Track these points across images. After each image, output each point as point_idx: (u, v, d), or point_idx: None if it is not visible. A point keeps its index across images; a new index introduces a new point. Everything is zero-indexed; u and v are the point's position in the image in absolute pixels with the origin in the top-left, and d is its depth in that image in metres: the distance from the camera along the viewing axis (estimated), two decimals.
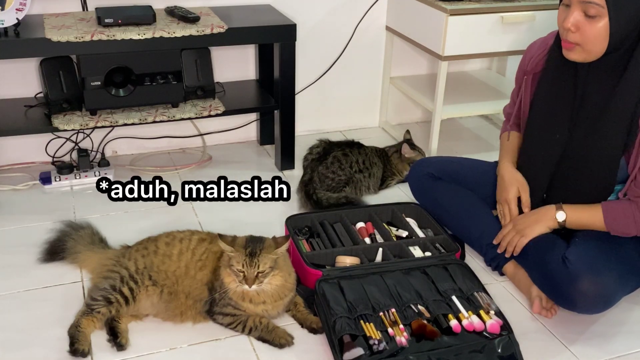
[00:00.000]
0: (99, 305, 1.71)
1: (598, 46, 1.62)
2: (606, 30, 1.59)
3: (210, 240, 1.83)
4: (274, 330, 1.73)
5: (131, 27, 2.25)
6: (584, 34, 1.61)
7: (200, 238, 1.83)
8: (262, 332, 1.73)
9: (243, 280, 1.66)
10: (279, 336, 1.72)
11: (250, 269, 1.65)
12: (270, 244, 1.71)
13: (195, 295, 1.75)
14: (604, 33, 1.59)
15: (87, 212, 2.31)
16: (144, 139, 2.79)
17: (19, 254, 2.06)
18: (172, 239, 1.82)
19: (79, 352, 1.64)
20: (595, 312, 1.77)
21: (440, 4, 2.49)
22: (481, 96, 2.88)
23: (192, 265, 1.77)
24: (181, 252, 1.79)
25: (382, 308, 1.71)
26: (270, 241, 1.72)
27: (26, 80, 2.53)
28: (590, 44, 1.62)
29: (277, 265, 1.70)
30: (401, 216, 2.17)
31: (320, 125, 3.06)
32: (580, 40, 1.63)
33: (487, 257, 2.04)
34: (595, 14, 1.58)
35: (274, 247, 1.69)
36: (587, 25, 1.60)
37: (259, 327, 1.73)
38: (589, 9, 1.58)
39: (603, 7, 1.56)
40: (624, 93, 1.66)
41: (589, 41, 1.62)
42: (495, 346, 1.63)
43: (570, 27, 1.62)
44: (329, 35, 2.87)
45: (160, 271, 1.76)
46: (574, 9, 1.61)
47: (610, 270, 1.71)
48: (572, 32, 1.63)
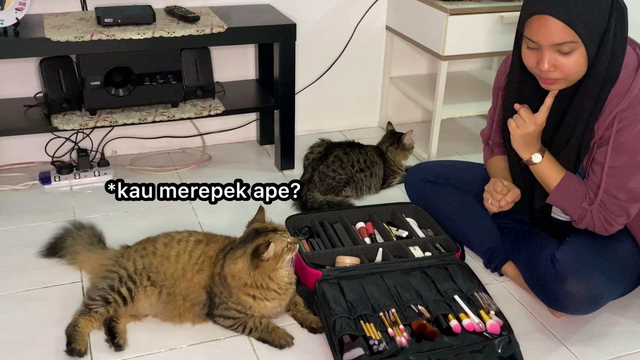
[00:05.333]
0: (97, 305, 1.71)
1: (580, 74, 1.61)
2: (584, 58, 1.57)
3: (206, 242, 1.82)
4: (274, 331, 1.72)
5: (131, 27, 2.25)
6: (564, 69, 1.59)
7: (197, 240, 1.83)
8: (262, 332, 1.73)
9: (292, 248, 1.72)
10: (279, 337, 1.71)
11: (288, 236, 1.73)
12: (260, 217, 1.81)
13: (192, 298, 1.75)
14: (583, 61, 1.58)
15: (87, 212, 2.31)
16: (144, 138, 2.79)
17: (18, 254, 2.06)
18: (170, 240, 1.82)
19: (76, 352, 1.64)
20: (584, 312, 1.77)
21: (440, 3, 2.49)
22: (481, 96, 2.87)
23: (190, 268, 1.76)
24: (179, 254, 1.78)
25: (382, 308, 1.71)
26: (258, 218, 1.81)
27: (26, 80, 2.53)
28: (572, 75, 1.60)
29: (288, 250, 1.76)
30: (401, 216, 2.17)
31: (320, 125, 3.05)
32: (561, 75, 1.60)
33: (486, 259, 2.05)
34: (569, 49, 1.56)
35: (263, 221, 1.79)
36: (565, 61, 1.57)
37: (259, 328, 1.73)
38: (563, 48, 1.55)
39: (577, 42, 1.54)
40: (582, 103, 1.65)
41: (571, 74, 1.60)
42: (496, 346, 1.63)
43: (549, 67, 1.59)
44: (329, 35, 2.87)
45: (159, 272, 1.76)
46: (545, 52, 1.57)
47: (599, 270, 1.70)
48: (551, 71, 1.60)
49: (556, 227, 1.88)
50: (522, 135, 1.72)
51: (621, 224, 1.73)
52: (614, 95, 1.62)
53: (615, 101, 1.62)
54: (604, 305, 1.75)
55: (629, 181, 1.66)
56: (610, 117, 1.62)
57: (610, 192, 1.67)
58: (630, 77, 1.61)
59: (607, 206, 1.69)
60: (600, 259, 1.73)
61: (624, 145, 1.63)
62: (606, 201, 1.68)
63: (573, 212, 1.73)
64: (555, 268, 1.72)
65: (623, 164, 1.64)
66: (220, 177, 2.57)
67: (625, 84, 1.61)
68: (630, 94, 1.60)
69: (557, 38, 1.54)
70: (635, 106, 1.60)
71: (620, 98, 1.61)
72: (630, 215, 1.71)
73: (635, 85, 1.60)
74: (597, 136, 1.66)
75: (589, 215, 1.71)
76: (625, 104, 1.60)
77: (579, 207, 1.71)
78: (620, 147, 1.63)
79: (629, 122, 1.61)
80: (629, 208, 1.69)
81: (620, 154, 1.64)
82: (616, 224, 1.71)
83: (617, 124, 1.62)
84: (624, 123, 1.61)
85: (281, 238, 1.70)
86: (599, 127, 1.65)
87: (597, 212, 1.70)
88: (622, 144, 1.63)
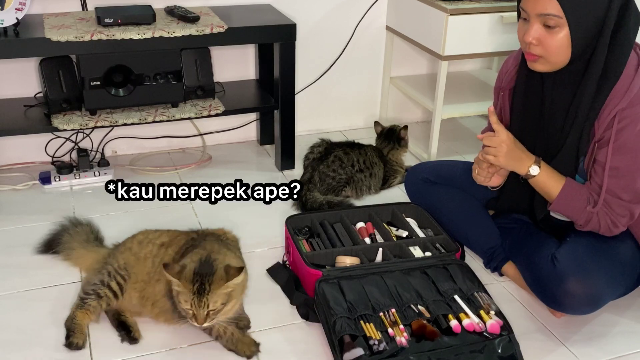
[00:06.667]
0: (90, 298, 1.72)
1: (561, 56, 1.61)
2: (567, 40, 1.58)
3: (168, 244, 1.76)
4: (239, 341, 1.67)
5: (131, 27, 2.25)
6: (546, 46, 1.60)
7: (161, 243, 1.77)
8: (228, 342, 1.67)
9: (193, 318, 1.56)
10: (245, 346, 1.66)
11: (200, 309, 1.54)
12: (221, 276, 1.56)
13: (160, 305, 1.72)
14: (566, 43, 1.58)
15: (87, 212, 2.31)
16: (144, 138, 2.79)
17: (18, 254, 2.06)
18: (145, 238, 1.79)
19: (74, 345, 1.65)
20: (584, 312, 1.77)
21: (440, 3, 2.49)
22: (481, 96, 2.87)
23: (153, 275, 1.73)
24: (146, 257, 1.75)
25: (382, 308, 1.71)
26: (222, 272, 1.56)
27: (26, 80, 2.53)
28: (553, 55, 1.61)
29: (230, 297, 1.59)
30: (401, 216, 2.17)
31: (320, 125, 3.05)
32: (543, 52, 1.61)
33: (486, 259, 2.05)
34: (554, 24, 1.56)
35: (225, 280, 1.55)
36: (548, 37, 1.58)
37: (224, 337, 1.67)
38: (548, 21, 1.57)
39: (562, 18, 1.55)
40: (580, 100, 1.65)
41: (552, 52, 1.60)
42: (496, 346, 1.63)
43: (532, 40, 1.60)
44: (329, 35, 2.87)
45: (133, 272, 1.74)
46: (533, 23, 1.59)
47: (599, 270, 1.70)
48: (534, 44, 1.61)
49: (556, 227, 1.88)
50: (504, 157, 1.73)
51: (625, 225, 1.73)
52: (614, 94, 1.62)
53: (615, 100, 1.62)
54: (604, 305, 1.74)
55: (635, 182, 1.66)
56: (610, 117, 1.63)
57: (614, 193, 1.67)
58: (630, 77, 1.61)
59: (612, 207, 1.69)
60: (601, 259, 1.73)
61: (626, 146, 1.63)
62: (611, 202, 1.68)
63: (578, 218, 1.73)
64: (555, 268, 1.72)
65: (626, 164, 1.64)
66: (220, 177, 2.57)
67: (625, 83, 1.61)
68: (630, 92, 1.60)
69: (542, 8, 1.56)
70: (635, 105, 1.60)
71: (620, 97, 1.61)
72: (634, 215, 1.71)
73: (635, 84, 1.60)
74: (598, 136, 1.66)
75: (595, 219, 1.71)
76: (625, 103, 1.60)
77: (584, 212, 1.71)
78: (622, 147, 1.63)
79: (629, 122, 1.61)
80: (633, 209, 1.69)
81: (623, 154, 1.64)
82: (620, 225, 1.71)
83: (617, 124, 1.62)
84: (624, 123, 1.61)
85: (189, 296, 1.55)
86: (599, 126, 1.65)
87: (603, 214, 1.70)
88: (623, 144, 1.63)
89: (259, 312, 1.84)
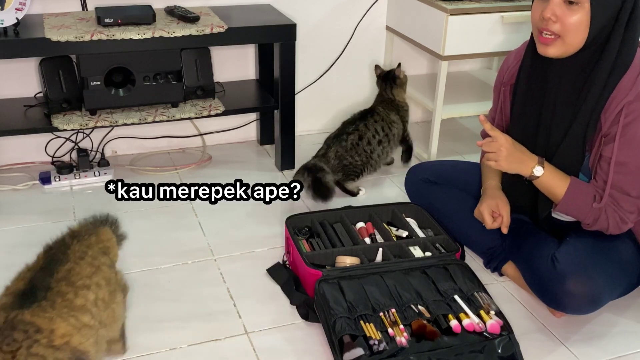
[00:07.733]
0: None
1: (578, 37, 1.59)
2: (587, 19, 1.56)
3: None
4: None
5: (131, 27, 2.25)
6: (565, 24, 1.58)
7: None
8: None
9: None
10: None
11: None
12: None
13: None
14: (585, 22, 1.57)
15: (87, 212, 2.30)
16: (144, 138, 2.79)
17: (18, 254, 2.05)
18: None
19: None
20: (584, 312, 1.76)
21: (440, 3, 2.49)
22: (481, 96, 2.87)
23: None
24: None
25: (382, 308, 1.71)
26: None
27: (26, 80, 2.53)
28: (571, 35, 1.59)
29: None
30: (401, 216, 2.17)
31: (320, 125, 3.05)
32: (560, 30, 1.59)
33: (486, 259, 2.05)
34: (577, 0, 1.56)
35: None
36: (568, 14, 1.57)
37: None
38: None
39: (585, 1, 1.55)
40: (590, 90, 1.64)
41: (569, 31, 1.58)
42: (496, 346, 1.63)
43: (551, 16, 1.57)
44: (329, 35, 2.87)
45: None
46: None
47: (599, 270, 1.70)
48: (552, 21, 1.59)
49: (556, 227, 1.88)
50: (505, 161, 1.72)
51: (633, 222, 1.72)
52: (621, 87, 1.62)
53: (622, 93, 1.61)
54: (604, 305, 1.74)
55: None
56: (617, 110, 1.62)
57: (622, 189, 1.66)
58: (637, 69, 1.61)
59: (621, 204, 1.68)
60: (601, 259, 1.73)
61: (634, 140, 1.62)
62: (619, 199, 1.68)
63: (586, 217, 1.72)
64: (555, 268, 1.72)
65: (635, 159, 1.64)
66: (220, 177, 2.57)
67: (632, 75, 1.61)
68: (637, 85, 1.60)
69: None
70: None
71: (627, 90, 1.61)
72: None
73: None
74: (604, 130, 1.65)
75: (603, 217, 1.70)
76: (632, 96, 1.60)
77: (591, 210, 1.70)
78: (630, 142, 1.62)
79: (637, 115, 1.60)
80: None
81: (631, 149, 1.63)
82: (630, 221, 1.71)
83: (625, 118, 1.61)
84: (631, 117, 1.61)
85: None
86: (606, 119, 1.64)
87: (611, 211, 1.69)
88: (632, 138, 1.62)
89: (259, 312, 1.84)
